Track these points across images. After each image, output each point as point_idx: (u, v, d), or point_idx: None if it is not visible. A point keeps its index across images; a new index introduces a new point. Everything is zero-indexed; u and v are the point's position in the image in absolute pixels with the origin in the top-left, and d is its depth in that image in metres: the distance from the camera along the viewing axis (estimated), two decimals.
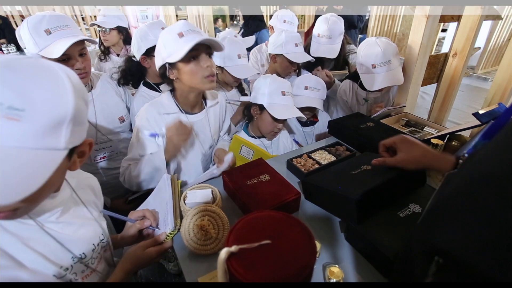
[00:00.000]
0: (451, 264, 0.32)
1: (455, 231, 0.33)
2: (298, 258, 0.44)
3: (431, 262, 0.34)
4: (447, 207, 0.37)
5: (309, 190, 0.86)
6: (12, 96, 0.38)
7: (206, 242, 0.71)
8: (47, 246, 0.53)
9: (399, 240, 0.65)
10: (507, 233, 0.28)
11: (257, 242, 0.45)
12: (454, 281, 0.32)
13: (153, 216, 0.75)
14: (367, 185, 0.70)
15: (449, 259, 0.33)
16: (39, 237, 0.53)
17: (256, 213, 0.52)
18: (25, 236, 0.51)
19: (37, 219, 0.53)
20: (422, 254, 0.38)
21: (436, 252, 0.34)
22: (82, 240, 0.60)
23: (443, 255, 0.33)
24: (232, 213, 0.86)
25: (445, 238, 0.34)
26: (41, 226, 0.53)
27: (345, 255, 0.73)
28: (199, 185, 0.89)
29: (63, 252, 0.56)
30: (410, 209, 0.73)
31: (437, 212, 0.39)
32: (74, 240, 0.58)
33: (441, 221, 0.36)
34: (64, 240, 0.56)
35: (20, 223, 0.51)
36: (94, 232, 0.64)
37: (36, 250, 0.51)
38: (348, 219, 0.74)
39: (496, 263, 0.28)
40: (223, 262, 0.43)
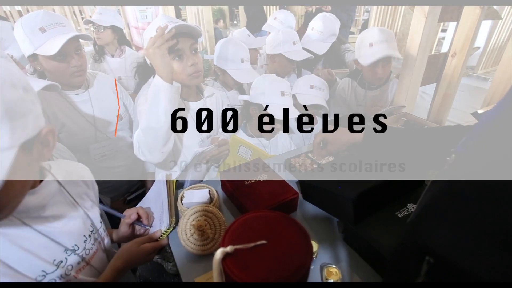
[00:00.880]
0: (442, 264, 0.32)
1: (443, 232, 0.33)
2: (294, 258, 0.43)
3: (422, 261, 0.34)
4: (435, 206, 0.37)
5: (307, 190, 0.86)
6: None
7: (203, 243, 0.70)
8: (35, 242, 0.53)
9: (396, 240, 0.64)
10: (493, 233, 0.28)
11: (253, 242, 0.44)
12: (445, 281, 0.32)
13: (146, 214, 0.75)
14: (364, 185, 0.70)
15: (439, 259, 0.32)
16: (27, 234, 0.52)
17: (252, 213, 0.51)
18: (12, 234, 0.50)
19: (23, 218, 0.52)
20: (413, 253, 0.38)
21: (426, 251, 0.34)
22: (73, 232, 0.60)
23: (433, 255, 0.33)
24: (229, 213, 0.86)
25: (434, 238, 0.34)
26: (28, 224, 0.52)
27: (343, 255, 0.72)
28: (196, 185, 0.89)
29: (55, 246, 0.55)
30: (408, 209, 0.73)
31: (426, 212, 0.39)
32: (64, 233, 0.57)
33: (430, 221, 0.36)
34: (54, 234, 0.55)
35: (7, 220, 0.49)
36: (84, 224, 0.63)
37: (24, 247, 0.51)
38: (345, 219, 0.73)
39: (483, 263, 0.29)
40: (219, 263, 0.43)
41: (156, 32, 0.84)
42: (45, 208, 0.55)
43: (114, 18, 1.89)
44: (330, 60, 1.90)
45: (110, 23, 1.86)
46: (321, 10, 3.44)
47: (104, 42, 1.92)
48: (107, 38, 1.90)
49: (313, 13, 4.23)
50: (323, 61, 1.92)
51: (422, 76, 1.38)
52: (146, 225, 0.74)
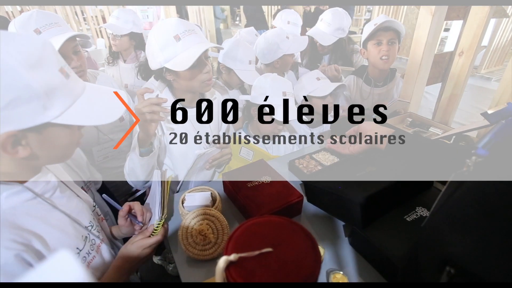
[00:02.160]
0: (463, 276, 0.30)
1: (467, 242, 0.31)
2: (302, 267, 0.41)
3: (441, 271, 0.32)
4: (458, 216, 0.34)
5: (312, 193, 0.83)
6: None
7: (205, 247, 0.68)
8: (64, 221, 0.57)
9: (406, 245, 0.62)
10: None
11: (258, 250, 0.42)
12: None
13: (141, 211, 0.72)
14: (373, 187, 0.67)
15: (461, 270, 0.30)
16: (55, 215, 0.56)
17: (257, 219, 0.49)
18: (44, 216, 0.54)
19: (47, 199, 0.56)
20: (431, 261, 0.36)
21: (447, 261, 0.32)
22: (84, 210, 0.64)
23: (455, 265, 0.31)
24: (232, 216, 0.83)
25: (456, 248, 0.32)
26: (53, 205, 0.57)
27: (349, 260, 0.70)
28: (198, 187, 0.86)
29: (77, 224, 0.60)
30: (418, 213, 0.70)
31: (447, 220, 0.37)
32: (79, 210, 0.62)
33: (453, 229, 0.34)
34: (73, 212, 0.60)
35: (36, 203, 0.54)
36: (87, 200, 0.68)
37: (57, 227, 0.55)
38: (352, 223, 0.71)
39: (509, 277, 0.26)
40: (222, 272, 0.40)
41: (155, 101, 0.81)
42: (58, 187, 0.59)
43: (133, 23, 1.68)
44: (336, 58, 1.88)
45: (128, 30, 1.66)
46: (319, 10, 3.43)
47: (119, 49, 1.75)
48: (123, 45, 1.72)
49: (311, 13, 4.21)
50: (328, 57, 1.90)
51: (428, 75, 1.35)
52: (139, 222, 0.71)
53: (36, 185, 0.55)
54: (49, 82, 0.46)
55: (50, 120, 0.46)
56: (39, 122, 0.46)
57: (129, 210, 0.72)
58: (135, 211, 0.72)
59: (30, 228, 0.51)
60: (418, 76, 1.31)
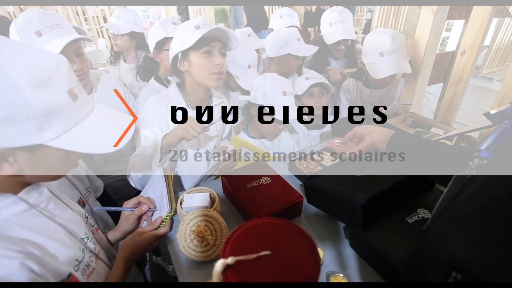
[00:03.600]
0: (471, 279, 0.29)
1: (475, 247, 0.30)
2: (301, 271, 0.40)
3: (447, 276, 0.31)
4: (464, 220, 0.33)
5: (312, 194, 0.82)
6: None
7: (203, 249, 0.67)
8: (61, 232, 0.55)
9: (407, 247, 0.61)
10: None
11: (256, 252, 0.41)
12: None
13: (149, 200, 0.75)
14: (374, 188, 0.67)
15: (468, 276, 0.29)
16: (52, 227, 0.54)
17: (255, 221, 0.48)
18: (42, 228, 0.52)
19: (43, 211, 0.53)
20: (436, 265, 0.35)
21: (453, 266, 0.31)
22: (78, 221, 0.61)
23: (461, 271, 0.30)
24: (231, 218, 0.83)
25: (464, 253, 0.31)
26: (50, 217, 0.53)
27: (349, 262, 0.69)
28: (196, 188, 0.86)
29: (73, 236, 0.57)
30: (419, 215, 0.69)
31: (451, 224, 0.36)
32: (73, 222, 0.59)
33: (460, 233, 0.33)
34: (69, 223, 0.57)
35: (33, 216, 0.51)
36: (80, 212, 0.65)
37: (56, 239, 0.52)
38: (353, 225, 0.70)
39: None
40: (219, 275, 0.40)
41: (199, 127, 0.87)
42: (51, 199, 0.57)
43: (134, 23, 1.70)
44: (342, 59, 1.86)
45: (128, 30, 1.69)
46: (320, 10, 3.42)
47: (120, 48, 1.78)
48: (124, 45, 1.75)
49: (312, 13, 4.19)
50: (340, 61, 1.88)
51: (429, 75, 1.34)
52: (154, 209, 0.74)
53: (30, 196, 0.51)
54: (52, 103, 0.43)
55: (44, 142, 0.44)
56: (32, 143, 0.43)
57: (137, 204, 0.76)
58: (143, 202, 0.75)
59: (28, 239, 0.48)
60: (420, 76, 1.30)
